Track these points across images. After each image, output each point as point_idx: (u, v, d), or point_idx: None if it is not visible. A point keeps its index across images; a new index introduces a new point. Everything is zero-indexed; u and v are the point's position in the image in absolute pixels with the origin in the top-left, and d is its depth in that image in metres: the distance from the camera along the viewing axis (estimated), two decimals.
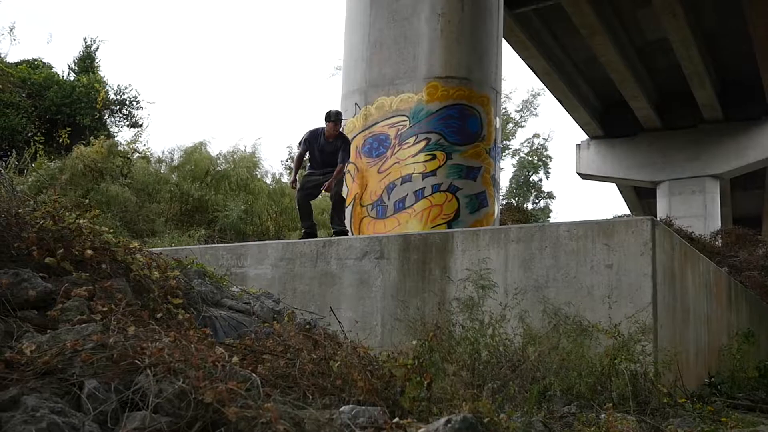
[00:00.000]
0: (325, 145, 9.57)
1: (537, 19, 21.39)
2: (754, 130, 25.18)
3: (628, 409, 4.64)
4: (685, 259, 6.96)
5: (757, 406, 6.41)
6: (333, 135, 9.53)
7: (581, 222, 6.30)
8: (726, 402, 6.20)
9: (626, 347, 5.09)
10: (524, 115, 43.38)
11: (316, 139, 9.65)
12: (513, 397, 4.24)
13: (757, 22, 19.23)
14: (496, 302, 5.72)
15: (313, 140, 9.67)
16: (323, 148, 9.58)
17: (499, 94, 10.77)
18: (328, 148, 9.57)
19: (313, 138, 9.67)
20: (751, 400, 6.76)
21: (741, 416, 5.65)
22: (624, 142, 27.61)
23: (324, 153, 9.58)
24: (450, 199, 9.52)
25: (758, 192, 32.83)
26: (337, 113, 9.64)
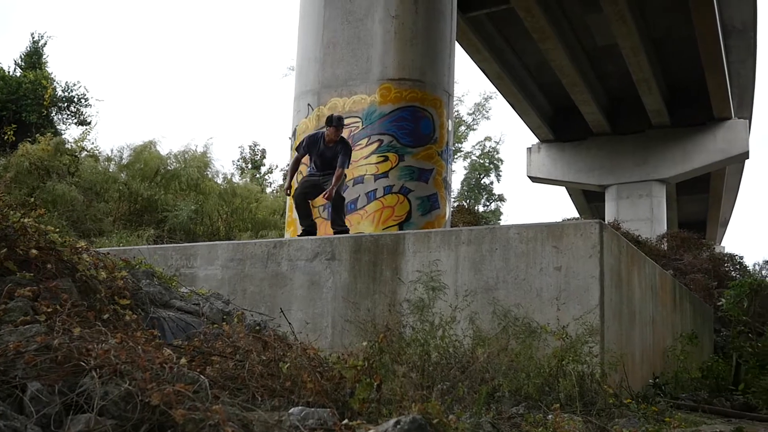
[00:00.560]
0: (325, 150, 9.19)
1: (489, 23, 21.56)
2: (700, 135, 25.71)
3: (575, 410, 4.70)
4: (632, 261, 7.07)
5: (699, 406, 6.54)
6: (333, 140, 9.11)
7: (531, 225, 6.36)
8: (670, 402, 6.32)
9: (574, 348, 5.15)
10: (476, 118, 43.65)
11: (315, 144, 9.26)
12: (462, 398, 4.26)
13: (704, 30, 19.66)
14: (447, 304, 5.74)
15: (312, 145, 9.29)
16: (323, 153, 9.21)
17: (451, 96, 10.83)
18: (327, 153, 9.19)
19: (312, 143, 9.29)
20: (693, 401, 6.89)
21: (684, 416, 5.77)
22: (574, 146, 27.97)
23: (324, 158, 9.20)
24: (402, 200, 9.55)
25: (703, 196, 33.55)
26: (339, 118, 9.21)
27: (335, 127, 9.03)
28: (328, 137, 9.08)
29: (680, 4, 19.35)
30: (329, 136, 9.07)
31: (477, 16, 20.54)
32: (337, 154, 9.06)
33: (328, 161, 9.12)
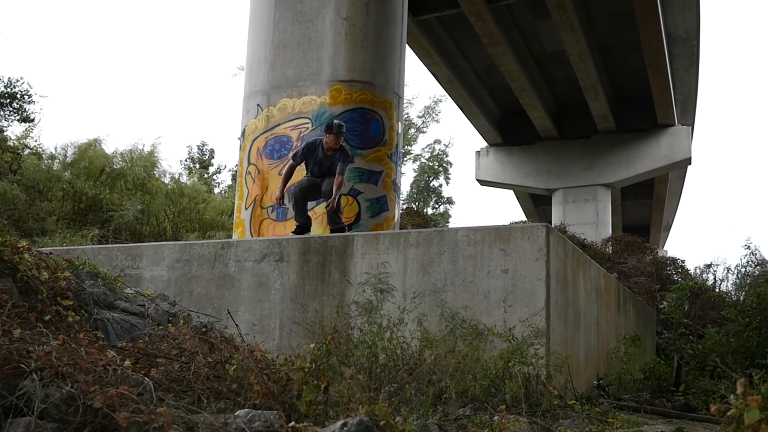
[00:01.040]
0: (324, 160, 8.89)
1: (440, 27, 21.68)
2: (644, 141, 26.19)
3: (520, 411, 4.74)
4: (578, 265, 7.17)
5: (641, 407, 6.65)
6: (333, 148, 8.83)
7: (479, 227, 6.41)
8: (613, 403, 6.41)
9: (520, 350, 5.20)
10: (426, 120, 43.89)
11: (313, 151, 8.95)
12: (409, 400, 4.28)
13: (649, 38, 20.04)
14: (395, 306, 5.76)
15: (309, 153, 8.96)
16: (321, 162, 8.90)
17: (401, 99, 10.86)
18: (326, 162, 8.89)
19: (310, 150, 8.96)
20: (636, 401, 7.01)
21: (627, 417, 5.86)
22: (522, 150, 28.27)
23: (322, 167, 8.90)
24: (351, 202, 9.54)
25: (647, 201, 34.18)
26: (340, 125, 8.91)
27: (335, 135, 8.76)
28: (327, 145, 8.80)
29: (626, 13, 19.70)
30: (328, 144, 8.79)
31: (428, 20, 20.65)
32: (335, 163, 8.78)
33: (327, 170, 8.85)
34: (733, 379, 5.04)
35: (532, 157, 28.06)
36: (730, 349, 8.73)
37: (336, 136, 8.74)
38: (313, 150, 8.92)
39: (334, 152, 8.82)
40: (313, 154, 8.91)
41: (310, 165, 8.98)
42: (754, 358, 8.13)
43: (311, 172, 8.98)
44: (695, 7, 21.20)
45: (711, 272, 18.20)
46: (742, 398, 2.59)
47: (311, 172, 8.98)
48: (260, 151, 10.22)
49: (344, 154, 8.89)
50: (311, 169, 8.97)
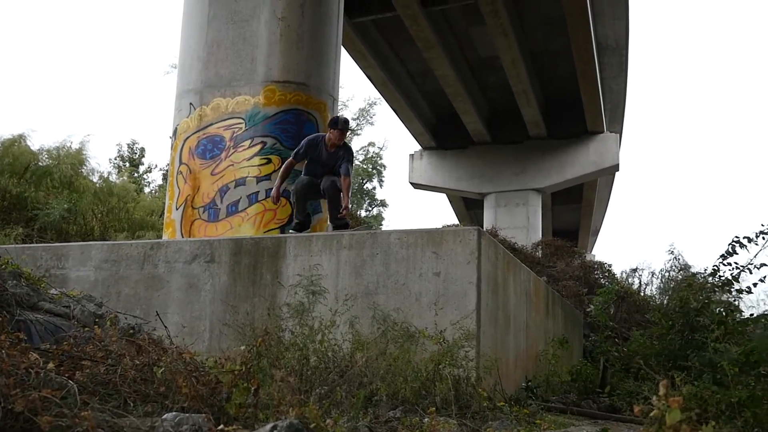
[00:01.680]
0: (327, 158, 8.51)
1: (376, 30, 21.74)
2: (574, 147, 26.70)
3: (450, 413, 4.78)
4: (508, 268, 7.27)
5: (568, 408, 6.78)
6: (336, 144, 8.46)
7: (412, 230, 6.45)
8: (541, 405, 6.51)
9: (450, 353, 5.24)
10: (360, 123, 44.00)
11: (315, 148, 8.55)
12: (340, 402, 4.27)
13: (579, 46, 20.45)
14: (327, 308, 5.75)
15: (311, 150, 8.56)
16: (324, 161, 8.54)
17: (336, 101, 10.85)
18: (329, 160, 8.52)
19: (312, 148, 8.56)
20: (563, 403, 7.14)
21: (554, 418, 5.96)
22: (455, 154, 28.52)
23: (323, 165, 8.53)
24: (284, 204, 9.47)
25: (576, 206, 34.86)
26: (346, 120, 8.57)
27: (340, 131, 8.41)
28: (331, 141, 8.45)
29: (558, 21, 20.07)
30: (332, 140, 8.44)
31: (363, 22, 20.68)
32: (339, 161, 8.45)
33: (329, 168, 8.51)
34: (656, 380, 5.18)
35: (465, 161, 28.34)
36: (653, 351, 8.94)
37: (341, 132, 8.42)
38: (314, 146, 8.56)
39: (338, 149, 8.50)
40: (315, 151, 8.55)
41: (311, 163, 8.62)
42: (677, 361, 8.34)
43: (311, 170, 8.62)
44: (625, 17, 21.72)
45: (636, 276, 18.62)
46: (664, 399, 2.66)
47: (311, 170, 8.62)
48: (192, 151, 10.08)
49: (348, 152, 8.60)
50: (311, 167, 8.62)
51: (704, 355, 7.90)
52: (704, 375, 7.49)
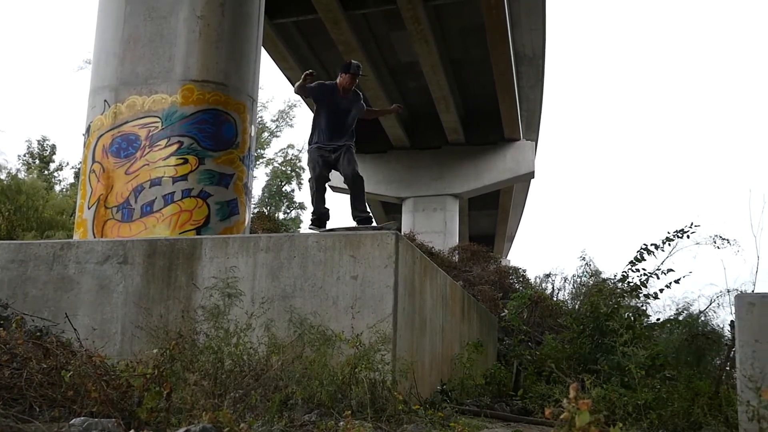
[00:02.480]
0: (341, 102, 8.16)
1: (297, 32, 21.65)
2: (491, 154, 27.14)
3: (366, 416, 4.79)
4: (425, 272, 7.33)
5: (482, 411, 6.87)
6: (348, 90, 8.17)
7: (330, 234, 6.44)
8: (455, 408, 6.58)
9: (367, 356, 5.25)
10: (280, 125, 43.72)
11: (332, 95, 8.15)
12: (255, 407, 4.23)
13: (498, 55, 20.80)
14: (243, 311, 5.69)
15: (329, 94, 8.14)
16: (338, 104, 8.17)
17: (255, 102, 10.75)
18: (347, 106, 8.20)
19: (327, 91, 8.16)
20: (477, 406, 7.23)
21: (468, 421, 6.04)
22: (375, 158, 28.62)
23: (339, 110, 8.16)
24: (200, 205, 9.34)
25: (492, 212, 35.42)
26: (359, 65, 8.25)
27: (352, 75, 8.11)
28: (342, 87, 8.15)
29: (478, 30, 20.37)
30: (343, 86, 8.14)
31: (284, 24, 20.57)
32: (351, 107, 8.21)
33: (342, 114, 8.17)
34: (567, 383, 5.29)
35: (384, 165, 28.47)
36: (565, 355, 9.15)
37: (353, 76, 8.13)
38: (331, 93, 8.19)
39: (350, 95, 8.25)
40: (333, 98, 8.18)
41: (328, 113, 8.21)
42: (587, 364, 8.56)
43: (328, 122, 8.18)
44: (541, 28, 22.20)
45: (550, 282, 19.01)
46: (574, 402, 2.73)
47: (328, 122, 8.18)
48: (106, 149, 9.83)
49: (358, 96, 8.40)
50: (329, 117, 8.19)
51: (613, 359, 8.13)
52: (613, 378, 7.71)
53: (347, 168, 8.11)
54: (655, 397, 6.65)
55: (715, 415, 6.15)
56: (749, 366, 4.95)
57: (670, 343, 9.23)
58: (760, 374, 4.82)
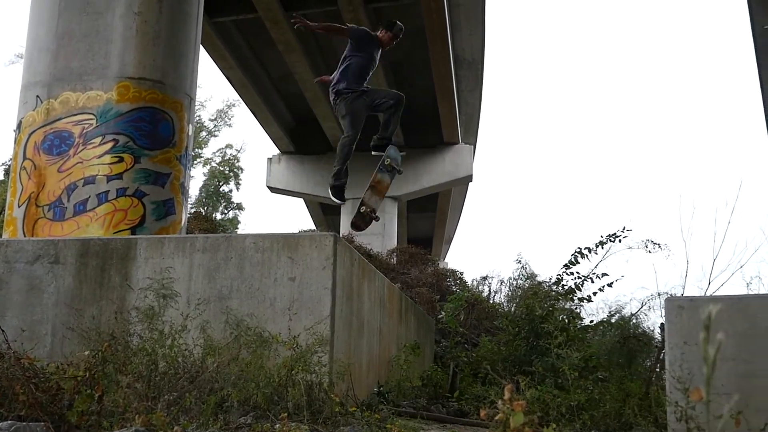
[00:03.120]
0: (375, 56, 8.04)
1: (237, 31, 21.46)
2: (430, 157, 27.30)
3: (302, 419, 4.77)
4: (363, 274, 7.33)
5: (418, 413, 6.90)
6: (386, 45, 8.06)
7: (267, 234, 6.39)
8: (392, 409, 6.60)
9: (304, 358, 5.23)
10: (218, 124, 43.33)
11: (373, 43, 7.98)
12: (189, 409, 4.18)
13: (438, 59, 20.96)
14: (178, 312, 5.61)
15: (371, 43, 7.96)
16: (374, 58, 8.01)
17: (193, 101, 10.62)
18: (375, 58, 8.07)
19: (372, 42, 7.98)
20: (414, 407, 7.26)
21: (404, 422, 6.06)
22: (314, 159, 28.53)
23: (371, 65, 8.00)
24: (135, 204, 9.19)
25: (431, 215, 35.64)
26: (402, 28, 8.14)
27: (394, 35, 8.07)
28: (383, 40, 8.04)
29: (418, 33, 20.47)
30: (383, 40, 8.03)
31: (224, 23, 20.38)
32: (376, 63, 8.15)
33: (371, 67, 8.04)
34: (502, 385, 5.35)
35: (324, 166, 28.38)
36: (500, 357, 9.26)
37: (394, 36, 8.08)
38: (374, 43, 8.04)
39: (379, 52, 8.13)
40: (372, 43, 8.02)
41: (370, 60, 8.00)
42: (522, 366, 8.67)
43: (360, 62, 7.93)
44: (481, 33, 22.43)
45: (486, 284, 19.19)
46: (508, 403, 2.76)
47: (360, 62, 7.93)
48: (38, 146, 9.60)
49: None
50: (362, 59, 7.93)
51: (547, 361, 8.25)
52: (547, 379, 7.83)
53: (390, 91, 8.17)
54: (587, 398, 6.78)
55: (645, 415, 6.30)
56: (678, 367, 5.08)
57: (603, 345, 9.42)
58: (688, 375, 4.96)
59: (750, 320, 5.13)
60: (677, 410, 4.58)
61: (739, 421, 3.83)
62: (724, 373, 5.00)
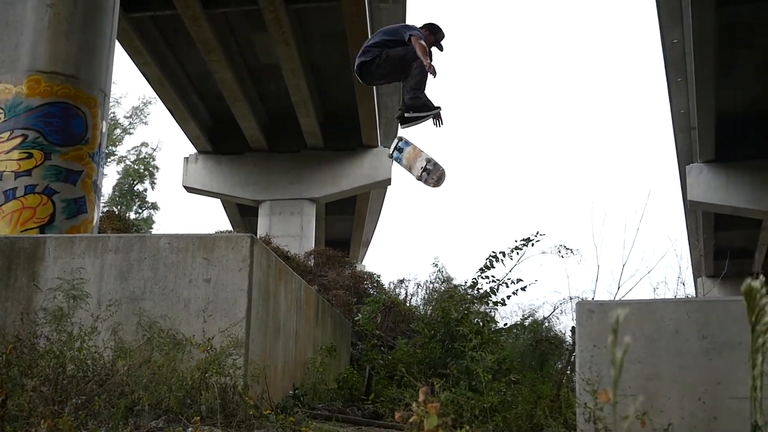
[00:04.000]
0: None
1: (154, 27, 21.06)
2: (349, 160, 27.31)
3: (215, 422, 4.71)
4: (280, 276, 7.29)
5: (333, 416, 6.90)
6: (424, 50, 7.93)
7: (183, 235, 6.29)
8: (307, 412, 6.58)
9: (218, 361, 5.17)
10: (133, 122, 42.43)
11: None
12: (98, 413, 4.07)
13: None
14: (88, 314, 5.47)
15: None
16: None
17: (108, 97, 10.37)
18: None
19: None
20: (329, 410, 7.26)
21: (319, 425, 6.05)
22: (232, 159, 28.18)
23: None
24: (45, 202, 8.91)
25: (349, 217, 35.65)
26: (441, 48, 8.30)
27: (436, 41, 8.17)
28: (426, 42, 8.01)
29: (339, 36, 20.48)
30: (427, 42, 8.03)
31: (141, 18, 19.97)
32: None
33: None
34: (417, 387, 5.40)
35: (242, 167, 28.09)
36: (416, 359, 9.34)
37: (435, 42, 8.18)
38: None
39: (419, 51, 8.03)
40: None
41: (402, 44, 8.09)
42: (437, 368, 8.77)
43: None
44: None
45: (403, 287, 19.29)
46: (423, 405, 2.78)
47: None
48: None
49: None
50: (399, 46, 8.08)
51: (462, 363, 8.37)
52: (461, 382, 7.93)
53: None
54: (500, 400, 6.89)
55: (555, 417, 6.44)
56: (587, 370, 5.21)
57: (516, 348, 9.60)
58: (597, 378, 5.09)
59: (656, 324, 5.31)
60: (586, 411, 4.71)
61: (644, 422, 3.95)
62: (631, 375, 5.16)
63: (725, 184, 24.21)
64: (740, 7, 17.90)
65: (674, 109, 24.32)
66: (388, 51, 8.07)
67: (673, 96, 23.55)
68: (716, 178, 24.34)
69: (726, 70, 20.17)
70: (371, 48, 8.19)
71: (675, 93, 23.29)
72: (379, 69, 8.17)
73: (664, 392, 5.16)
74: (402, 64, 8.07)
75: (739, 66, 20.49)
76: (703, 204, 25.18)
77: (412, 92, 8.04)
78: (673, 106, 24.19)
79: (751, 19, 18.48)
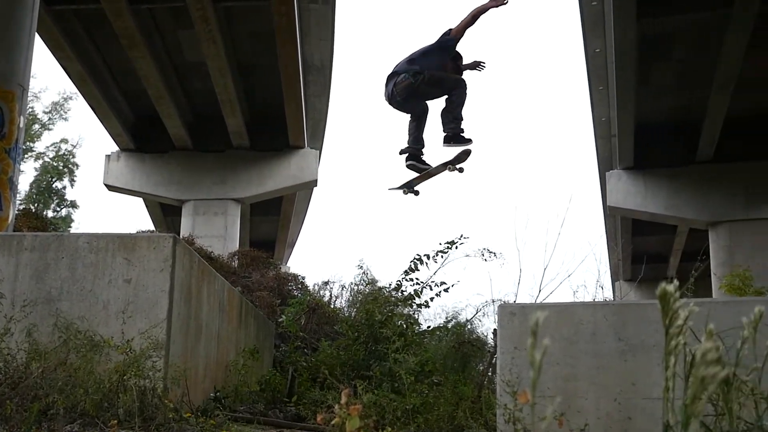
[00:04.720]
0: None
1: (77, 21, 20.54)
2: (276, 161, 27.13)
3: (133, 426, 4.63)
4: (203, 277, 7.20)
5: (255, 418, 6.85)
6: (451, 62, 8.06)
7: (103, 234, 6.16)
8: (228, 415, 6.51)
9: (137, 363, 5.08)
10: (53, 117, 41.30)
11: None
12: (10, 417, 3.96)
13: (286, 63, 20.89)
14: (2, 315, 5.30)
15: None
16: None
17: (26, 91, 10.08)
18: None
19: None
20: (251, 413, 7.20)
21: (240, 428, 6.00)
22: (155, 158, 27.68)
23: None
24: None
25: (274, 218, 35.42)
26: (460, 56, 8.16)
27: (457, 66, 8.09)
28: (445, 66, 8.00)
29: (268, 36, 20.34)
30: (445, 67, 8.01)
31: (63, 11, 19.47)
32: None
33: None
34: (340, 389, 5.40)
35: (165, 166, 27.62)
36: (339, 361, 9.33)
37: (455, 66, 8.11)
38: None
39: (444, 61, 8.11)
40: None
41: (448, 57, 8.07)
42: (360, 370, 8.79)
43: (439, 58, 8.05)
44: (330, 39, 22.56)
45: (328, 289, 19.26)
46: (345, 407, 2.79)
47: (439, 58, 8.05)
48: None
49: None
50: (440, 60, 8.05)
51: (385, 365, 8.40)
52: (384, 384, 7.97)
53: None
54: (422, 401, 6.95)
55: (476, 418, 6.53)
56: (508, 371, 5.31)
57: (439, 350, 9.69)
58: (517, 379, 5.19)
59: (575, 326, 5.44)
60: (506, 412, 4.79)
61: (561, 422, 4.05)
62: (549, 376, 5.27)
63: (643, 190, 24.88)
64: (661, 20, 18.44)
65: (596, 117, 24.91)
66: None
67: (595, 104, 24.13)
68: (635, 184, 25.00)
69: (645, 80, 20.76)
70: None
71: (597, 101, 23.87)
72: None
73: (582, 393, 5.29)
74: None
75: (658, 76, 21.10)
76: (622, 210, 25.84)
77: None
78: (595, 114, 24.77)
79: (670, 32, 19.04)
